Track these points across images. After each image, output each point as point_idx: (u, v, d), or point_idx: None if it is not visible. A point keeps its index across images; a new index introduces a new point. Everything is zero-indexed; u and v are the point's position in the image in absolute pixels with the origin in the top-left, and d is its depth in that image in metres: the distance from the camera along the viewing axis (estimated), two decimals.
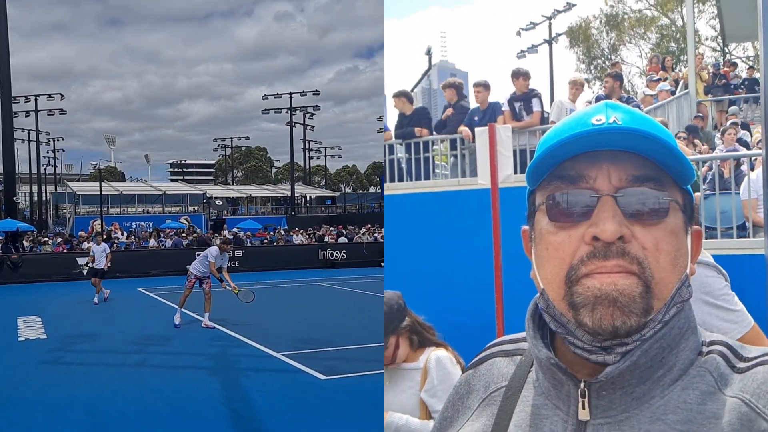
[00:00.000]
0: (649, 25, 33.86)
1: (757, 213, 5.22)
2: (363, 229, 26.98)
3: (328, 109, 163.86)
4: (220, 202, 40.60)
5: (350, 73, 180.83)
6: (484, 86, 7.24)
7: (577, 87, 7.27)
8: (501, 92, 7.69)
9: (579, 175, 0.72)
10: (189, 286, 9.91)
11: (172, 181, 75.21)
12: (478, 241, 5.94)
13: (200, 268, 9.89)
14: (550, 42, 28.99)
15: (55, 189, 48.99)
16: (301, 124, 46.03)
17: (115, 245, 20.47)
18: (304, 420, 5.17)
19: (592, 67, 34.56)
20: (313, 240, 25.31)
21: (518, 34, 28.86)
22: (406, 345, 2.48)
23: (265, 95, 43.42)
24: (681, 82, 10.91)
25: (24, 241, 21.74)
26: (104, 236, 17.87)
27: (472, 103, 7.51)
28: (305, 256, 22.21)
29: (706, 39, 28.80)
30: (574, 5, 28.63)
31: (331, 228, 28.28)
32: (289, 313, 11.55)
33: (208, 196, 42.05)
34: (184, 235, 24.34)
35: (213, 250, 10.01)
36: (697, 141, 8.01)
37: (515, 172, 5.92)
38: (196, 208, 42.45)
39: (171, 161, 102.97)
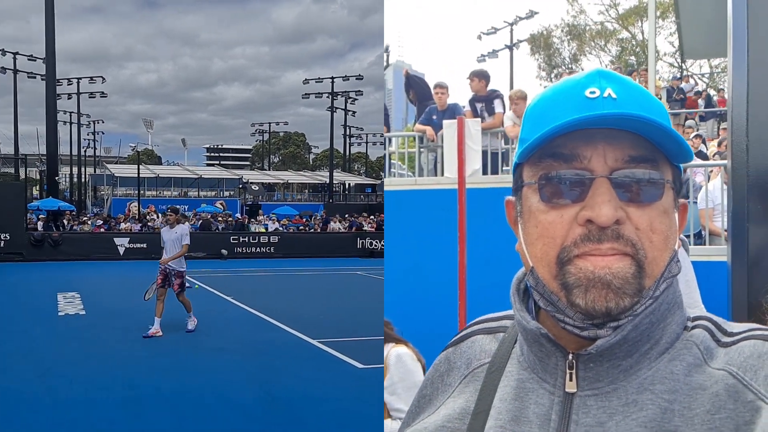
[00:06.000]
0: (609, 37, 35.73)
1: (714, 222, 5.65)
2: None
3: (369, 94, 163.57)
4: (256, 188, 41.33)
5: None
6: (445, 88, 7.30)
7: (514, 101, 6.93)
8: (459, 95, 7.80)
9: (572, 154, 0.71)
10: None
11: (208, 165, 76.99)
12: (435, 240, 6.08)
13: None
14: (511, 48, 30.15)
15: (94, 171, 50.89)
16: (342, 109, 46.27)
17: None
18: (340, 407, 5.23)
19: (553, 76, 36.16)
20: (352, 228, 25.49)
21: (479, 38, 30.20)
22: None
23: (305, 79, 43.60)
24: None
25: (64, 220, 22.73)
26: (140, 218, 18.41)
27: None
28: (343, 244, 22.40)
29: (665, 54, 30.55)
30: (536, 13, 30.37)
31: (371, 216, 28.39)
32: (325, 301, 11.69)
33: (244, 181, 42.89)
34: (220, 219, 24.91)
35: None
36: None
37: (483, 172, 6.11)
38: (231, 192, 43.38)
39: (207, 145, 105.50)
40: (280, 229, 24.34)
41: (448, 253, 5.58)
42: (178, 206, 9.33)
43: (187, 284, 8.02)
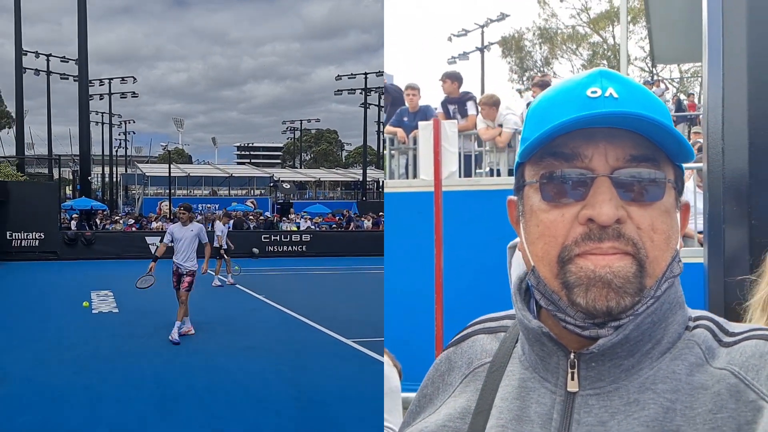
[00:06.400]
0: (581, 41, 36.50)
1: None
2: None
3: None
4: (288, 186, 41.76)
5: None
6: (417, 89, 7.26)
7: (483, 107, 6.76)
8: (429, 97, 7.85)
9: (573, 153, 0.73)
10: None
11: (239, 163, 78.18)
12: (412, 243, 6.18)
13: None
14: (482, 50, 30.60)
15: (125, 170, 52.24)
16: (375, 105, 46.31)
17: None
18: (374, 408, 5.19)
19: (524, 79, 36.74)
20: (377, 226, 25.49)
21: (449, 39, 30.86)
22: None
23: (338, 75, 43.89)
24: None
25: (96, 220, 23.41)
26: (172, 216, 18.75)
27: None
28: (376, 242, 22.39)
29: (636, 59, 31.22)
30: (507, 15, 30.91)
31: None
32: (359, 300, 11.69)
33: (275, 179, 43.38)
34: (251, 217, 25.24)
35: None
36: None
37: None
38: (262, 191, 43.94)
39: (238, 144, 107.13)
40: (312, 227, 24.52)
41: (425, 256, 5.65)
42: (191, 204, 9.28)
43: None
